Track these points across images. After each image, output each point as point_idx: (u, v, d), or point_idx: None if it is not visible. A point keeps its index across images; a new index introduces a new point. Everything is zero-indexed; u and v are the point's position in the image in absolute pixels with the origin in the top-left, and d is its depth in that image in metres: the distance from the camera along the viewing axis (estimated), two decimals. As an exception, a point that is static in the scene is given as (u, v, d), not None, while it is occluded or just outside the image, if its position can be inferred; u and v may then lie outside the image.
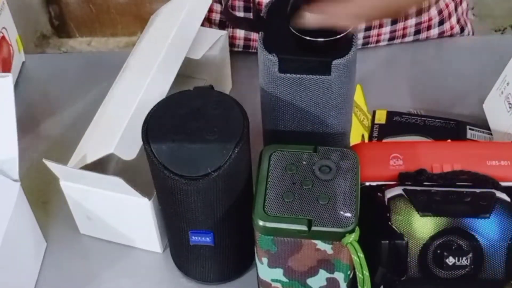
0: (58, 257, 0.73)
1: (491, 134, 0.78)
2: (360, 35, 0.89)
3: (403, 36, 0.91)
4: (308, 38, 0.59)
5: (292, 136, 0.65)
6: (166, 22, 0.77)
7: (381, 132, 0.78)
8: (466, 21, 0.95)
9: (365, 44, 0.91)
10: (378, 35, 0.90)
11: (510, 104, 0.75)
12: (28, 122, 0.85)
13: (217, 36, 0.81)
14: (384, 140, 0.77)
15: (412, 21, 0.90)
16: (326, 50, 0.59)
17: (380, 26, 0.89)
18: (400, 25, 0.90)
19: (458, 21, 0.92)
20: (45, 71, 0.93)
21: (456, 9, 0.92)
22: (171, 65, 0.71)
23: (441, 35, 0.92)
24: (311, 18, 0.57)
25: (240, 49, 0.91)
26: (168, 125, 0.60)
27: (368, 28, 0.89)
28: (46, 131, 0.85)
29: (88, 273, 0.72)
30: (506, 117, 0.76)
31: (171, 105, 0.62)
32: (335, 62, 0.59)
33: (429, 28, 0.91)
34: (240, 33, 0.90)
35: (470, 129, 0.78)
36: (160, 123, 0.61)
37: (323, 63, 0.59)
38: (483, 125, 0.80)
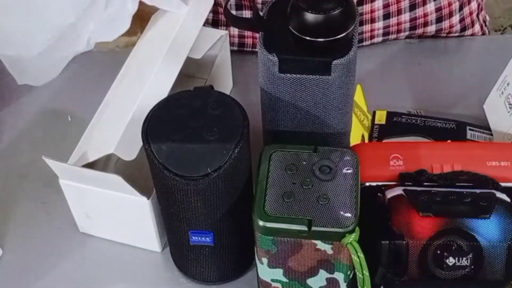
0: (57, 255, 0.73)
1: (491, 135, 0.78)
2: None
3: (398, 31, 0.90)
4: (308, 38, 0.59)
5: (292, 136, 0.65)
6: (168, 22, 0.77)
7: (381, 132, 0.78)
8: (474, 21, 0.94)
9: (360, 41, 0.89)
10: (372, 30, 0.90)
11: (511, 104, 0.75)
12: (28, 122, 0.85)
13: (218, 36, 0.81)
14: (384, 141, 0.77)
15: (406, 16, 0.89)
16: (326, 50, 0.59)
17: (372, 21, 0.89)
18: (393, 20, 0.89)
19: (462, 20, 0.92)
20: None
21: (461, 9, 0.91)
22: (173, 64, 0.71)
23: (438, 32, 0.92)
24: None
25: (235, 48, 0.91)
26: (168, 125, 0.60)
27: (360, 24, 0.88)
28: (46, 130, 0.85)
29: (88, 272, 0.72)
30: (507, 117, 0.76)
31: (171, 105, 0.62)
32: (335, 62, 0.59)
33: (425, 24, 0.91)
34: (234, 31, 0.90)
35: (470, 129, 0.78)
36: (160, 123, 0.61)
37: (323, 63, 0.59)
38: (483, 125, 0.79)
